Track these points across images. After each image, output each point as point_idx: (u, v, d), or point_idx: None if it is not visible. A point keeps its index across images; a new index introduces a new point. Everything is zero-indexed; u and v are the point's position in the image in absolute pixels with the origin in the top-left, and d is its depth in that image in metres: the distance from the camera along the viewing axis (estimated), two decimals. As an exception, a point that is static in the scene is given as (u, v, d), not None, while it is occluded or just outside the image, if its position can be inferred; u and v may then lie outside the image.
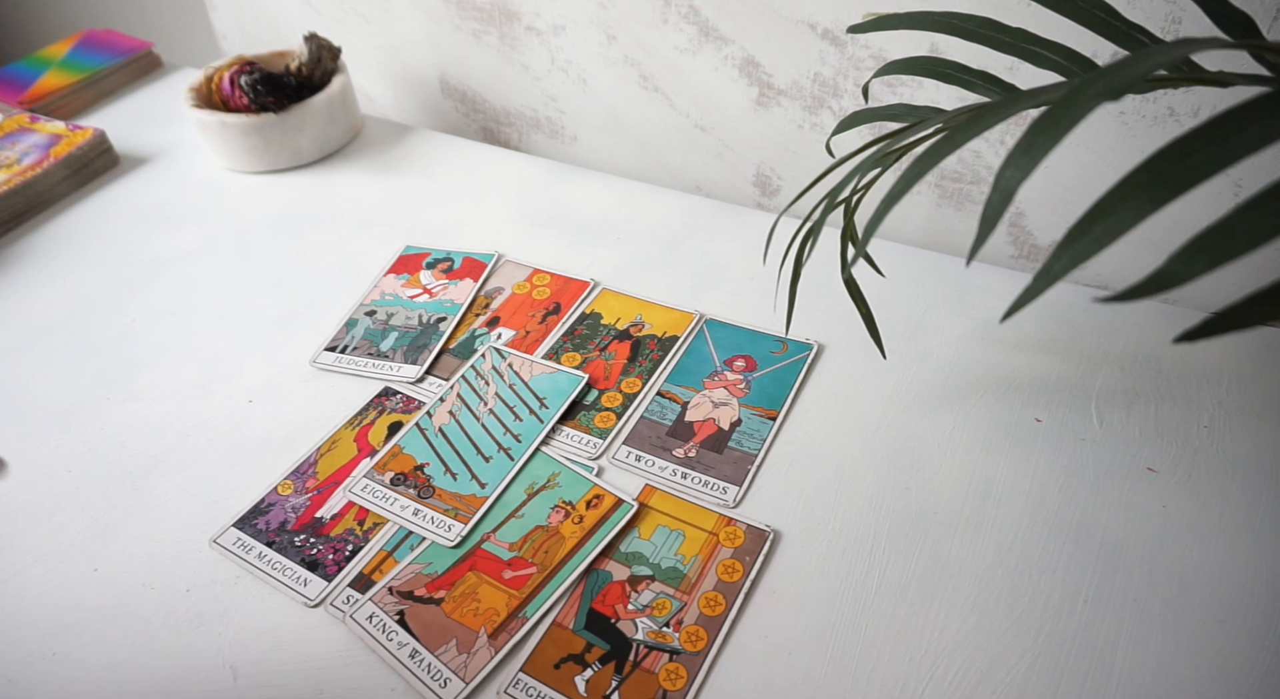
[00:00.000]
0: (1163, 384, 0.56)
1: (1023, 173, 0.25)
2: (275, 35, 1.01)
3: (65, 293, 0.68)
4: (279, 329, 0.64)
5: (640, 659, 0.43)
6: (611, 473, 0.52)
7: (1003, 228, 0.70)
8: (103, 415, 0.58)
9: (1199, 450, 0.51)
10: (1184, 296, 0.65)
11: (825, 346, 0.60)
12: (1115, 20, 0.39)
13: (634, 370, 0.59)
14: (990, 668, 0.42)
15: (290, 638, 0.45)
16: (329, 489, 0.52)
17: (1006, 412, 0.54)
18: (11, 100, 0.87)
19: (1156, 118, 0.59)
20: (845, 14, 0.66)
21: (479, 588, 0.46)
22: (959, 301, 0.63)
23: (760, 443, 0.53)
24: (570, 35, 0.80)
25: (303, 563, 0.48)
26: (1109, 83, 0.24)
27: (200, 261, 0.71)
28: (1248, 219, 0.21)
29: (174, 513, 0.51)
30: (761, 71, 0.72)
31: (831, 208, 0.42)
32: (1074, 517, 0.48)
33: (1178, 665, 0.42)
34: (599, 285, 0.66)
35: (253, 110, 0.78)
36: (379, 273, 0.69)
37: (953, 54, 0.62)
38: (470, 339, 0.62)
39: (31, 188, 0.76)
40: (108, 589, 0.48)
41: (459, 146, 0.84)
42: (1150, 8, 0.55)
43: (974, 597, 0.45)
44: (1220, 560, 0.46)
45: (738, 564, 0.47)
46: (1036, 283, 0.25)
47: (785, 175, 0.78)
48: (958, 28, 0.42)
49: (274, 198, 0.78)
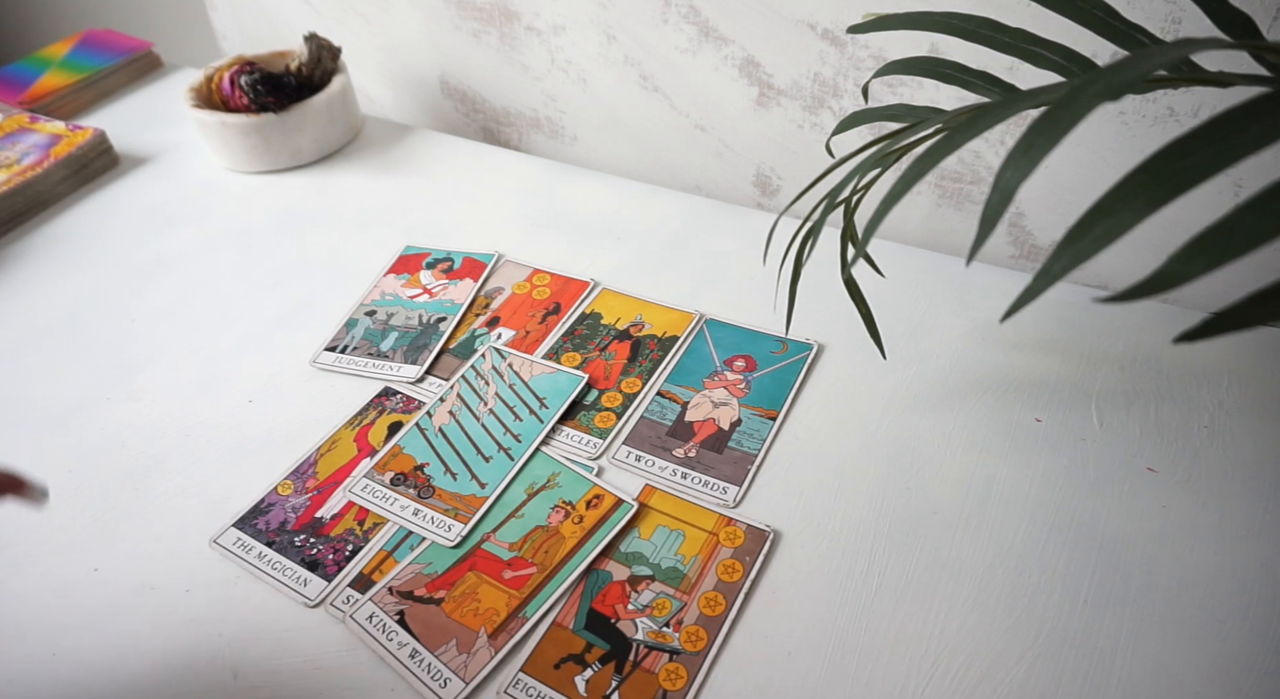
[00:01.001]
0: (1163, 384, 0.56)
1: (1023, 173, 0.25)
2: (275, 35, 1.01)
3: (65, 293, 0.68)
4: (279, 329, 0.64)
5: (640, 659, 0.43)
6: (611, 473, 0.52)
7: (1003, 228, 0.70)
8: (103, 415, 0.58)
9: (1199, 450, 0.51)
10: (1184, 296, 0.65)
11: (825, 346, 0.60)
12: (1115, 20, 0.39)
13: (634, 370, 0.59)
14: (990, 668, 0.42)
15: (290, 638, 0.45)
16: (329, 489, 0.52)
17: (1006, 412, 0.54)
18: (11, 100, 0.87)
19: (1156, 118, 0.59)
20: (845, 14, 0.66)
21: (479, 588, 0.46)
22: (959, 302, 0.63)
23: (760, 443, 0.53)
24: (570, 35, 0.80)
25: (303, 563, 0.48)
26: (1109, 83, 0.24)
27: (200, 261, 0.71)
28: (1248, 219, 0.21)
29: (174, 513, 0.51)
30: (761, 71, 0.72)
31: (831, 208, 0.42)
32: (1074, 517, 0.48)
33: (1178, 665, 0.42)
34: (599, 285, 0.66)
35: (253, 110, 0.78)
36: (379, 273, 0.69)
37: (953, 54, 0.62)
38: (470, 339, 0.62)
39: (31, 188, 0.76)
40: (108, 589, 0.48)
41: (459, 146, 0.84)
42: (1150, 8, 0.55)
43: (974, 597, 0.45)
44: (1220, 560, 0.46)
45: (738, 564, 0.47)
46: (1036, 283, 0.25)
47: (785, 175, 0.78)
48: (958, 28, 0.42)
49: (274, 198, 0.78)
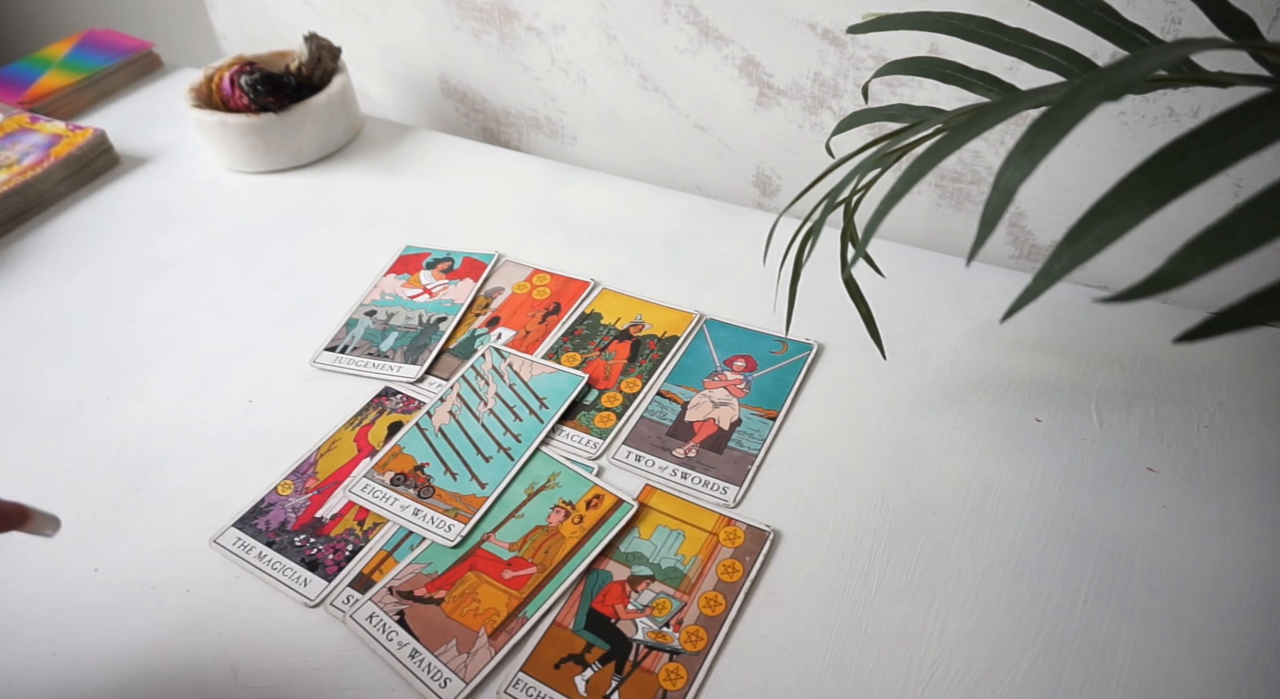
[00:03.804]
0: (1163, 384, 0.56)
1: (1023, 173, 0.25)
2: (275, 35, 1.01)
3: (65, 293, 0.68)
4: (279, 329, 0.64)
5: (640, 659, 0.43)
6: (611, 473, 0.52)
7: (1003, 228, 0.70)
8: (103, 415, 0.58)
9: (1199, 450, 0.51)
10: (1184, 296, 0.65)
11: (825, 347, 0.60)
12: (1115, 20, 0.39)
13: (634, 370, 0.59)
14: (990, 668, 0.42)
15: (290, 638, 0.45)
16: (329, 489, 0.52)
17: (1006, 412, 0.54)
18: (11, 100, 0.87)
19: (1156, 118, 0.59)
20: (845, 14, 0.66)
21: (479, 588, 0.46)
22: (959, 302, 0.63)
23: (760, 443, 0.53)
24: (570, 35, 0.80)
25: (303, 563, 0.48)
26: (1109, 83, 0.24)
27: (200, 261, 0.71)
28: (1248, 219, 0.21)
29: (174, 513, 0.51)
30: (761, 71, 0.72)
31: (831, 208, 0.42)
32: (1074, 517, 0.48)
33: (1178, 665, 0.42)
34: (599, 285, 0.66)
35: (253, 110, 0.78)
36: (379, 273, 0.69)
37: (953, 54, 0.62)
38: (470, 339, 0.62)
39: (31, 188, 0.76)
40: (108, 589, 0.48)
41: (459, 146, 0.84)
42: (1150, 8, 0.55)
43: (974, 597, 0.45)
44: (1220, 560, 0.46)
45: (738, 564, 0.47)
46: (1036, 283, 0.25)
47: (785, 175, 0.78)
48: (958, 28, 0.42)
49: (274, 198, 0.78)
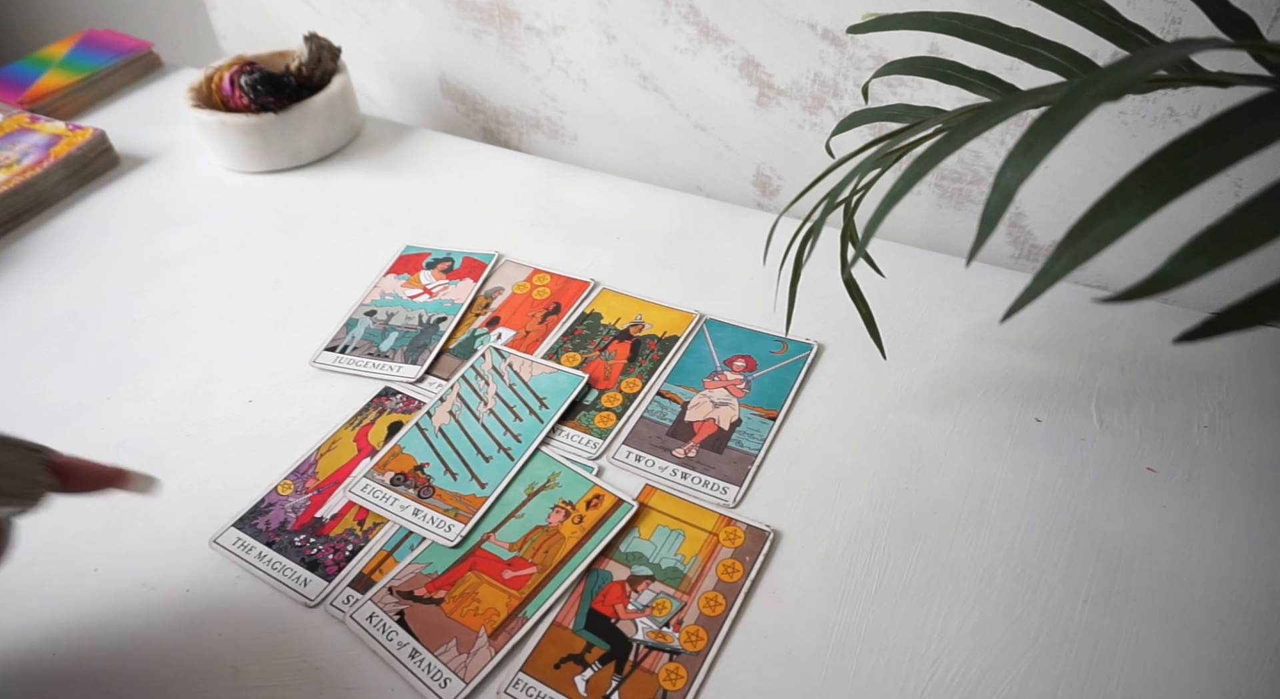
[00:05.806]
0: (1163, 384, 0.56)
1: (1023, 173, 0.25)
2: (275, 35, 1.01)
3: (65, 293, 0.68)
4: (279, 329, 0.64)
5: (640, 659, 0.43)
6: (611, 473, 0.52)
7: (1003, 228, 0.70)
8: (103, 415, 0.58)
9: (1199, 450, 0.51)
10: (1184, 296, 0.65)
11: (825, 347, 0.60)
12: (1115, 20, 0.39)
13: (634, 370, 0.59)
14: (990, 668, 0.42)
15: (290, 638, 0.45)
16: (329, 489, 0.52)
17: (1006, 411, 0.54)
18: (11, 100, 0.87)
19: (1156, 118, 0.59)
20: (845, 14, 0.66)
21: (479, 588, 0.46)
22: (959, 302, 0.63)
23: (760, 443, 0.53)
24: (570, 35, 0.80)
25: (303, 563, 0.48)
26: (1109, 83, 0.24)
27: (200, 261, 0.71)
28: (1248, 219, 0.21)
29: (174, 513, 0.51)
30: (761, 71, 0.72)
31: (831, 208, 0.42)
32: (1074, 517, 0.48)
33: (1178, 665, 0.42)
34: (599, 285, 0.66)
35: (253, 110, 0.78)
36: (379, 273, 0.69)
37: (953, 54, 0.62)
38: (470, 339, 0.62)
39: (31, 188, 0.76)
40: (108, 589, 0.48)
41: (459, 146, 0.84)
42: (1150, 8, 0.55)
43: (974, 597, 0.45)
44: (1220, 560, 0.46)
45: (738, 564, 0.47)
46: (1036, 283, 0.25)
47: (785, 175, 0.78)
48: (958, 28, 0.42)
49: (274, 198, 0.78)
